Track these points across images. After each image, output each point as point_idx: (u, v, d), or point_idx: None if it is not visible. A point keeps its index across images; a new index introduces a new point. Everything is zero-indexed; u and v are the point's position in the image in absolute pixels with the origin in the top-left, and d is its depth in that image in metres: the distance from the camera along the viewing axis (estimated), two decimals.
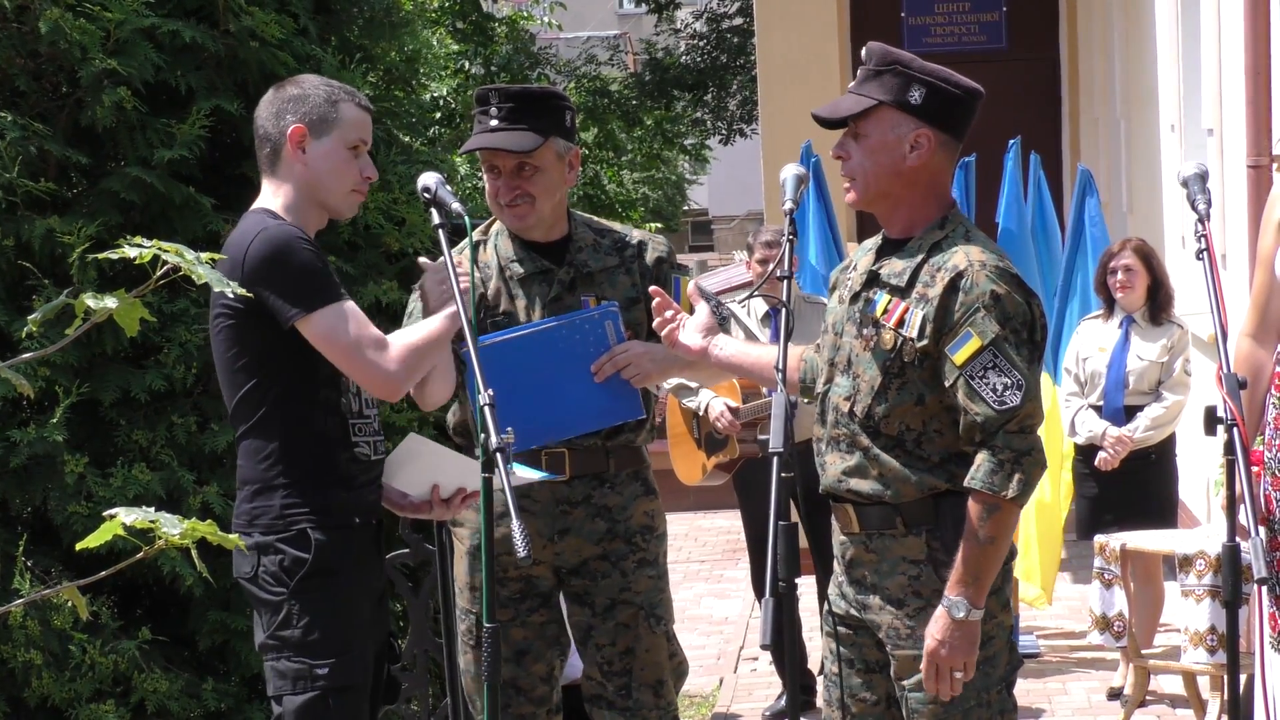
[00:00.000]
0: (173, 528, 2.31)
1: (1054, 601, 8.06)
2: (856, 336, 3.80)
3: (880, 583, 3.79)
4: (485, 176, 4.48)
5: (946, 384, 3.69)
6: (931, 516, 3.73)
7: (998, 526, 3.64)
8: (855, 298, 3.83)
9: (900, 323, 3.72)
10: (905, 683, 3.78)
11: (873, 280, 3.81)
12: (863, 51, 3.85)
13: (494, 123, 4.37)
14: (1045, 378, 7.45)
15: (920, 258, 3.74)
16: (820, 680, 4.05)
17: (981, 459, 3.65)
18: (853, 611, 3.85)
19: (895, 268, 3.77)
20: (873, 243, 3.92)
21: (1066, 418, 7.38)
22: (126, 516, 2.30)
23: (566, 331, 4.18)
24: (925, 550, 3.74)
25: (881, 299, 3.76)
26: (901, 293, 3.74)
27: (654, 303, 4.12)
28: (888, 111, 3.74)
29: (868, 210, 3.86)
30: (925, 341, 3.70)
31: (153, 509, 2.37)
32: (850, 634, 3.87)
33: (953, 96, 3.75)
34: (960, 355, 3.66)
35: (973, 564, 3.65)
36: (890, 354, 3.73)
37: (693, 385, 7.10)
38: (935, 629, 3.68)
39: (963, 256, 3.70)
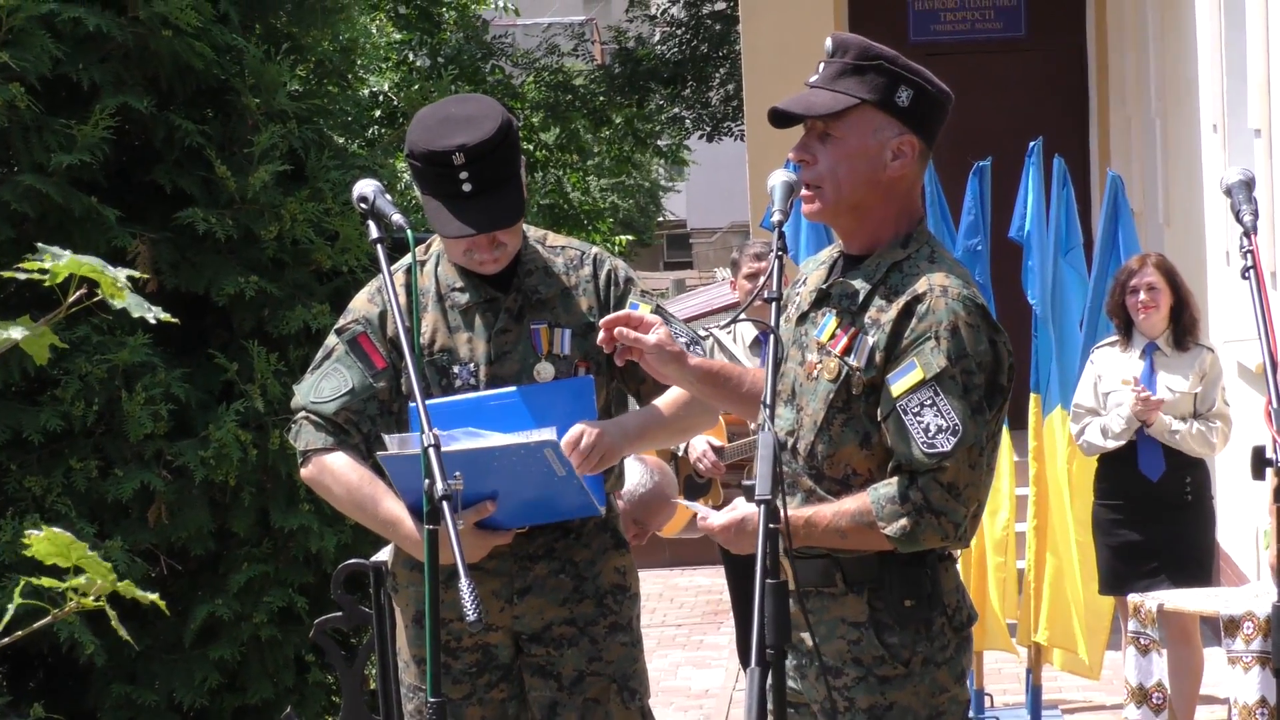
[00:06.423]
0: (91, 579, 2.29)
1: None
2: (801, 363, 3.79)
3: (817, 647, 3.76)
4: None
5: (879, 417, 3.68)
6: (875, 574, 3.71)
7: (855, 539, 3.66)
8: (803, 318, 3.82)
9: (848, 350, 3.70)
10: None
11: (822, 300, 3.80)
12: (827, 42, 3.81)
13: (466, 187, 4.24)
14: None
15: (877, 279, 3.73)
16: None
17: (895, 481, 3.65)
18: (790, 683, 3.78)
19: (848, 288, 3.75)
20: (827, 254, 3.90)
21: (1076, 436, 7.36)
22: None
23: (499, 454, 4.15)
24: (867, 612, 3.72)
25: (829, 322, 3.75)
26: (852, 316, 3.72)
27: (601, 333, 4.05)
28: (870, 113, 3.73)
29: (830, 223, 3.86)
30: (874, 373, 3.69)
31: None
32: (792, 712, 3.84)
33: (936, 100, 3.77)
34: (899, 386, 3.64)
35: (813, 532, 3.64)
36: (834, 385, 3.71)
37: None
38: (734, 515, 3.70)
39: (924, 281, 3.68)
